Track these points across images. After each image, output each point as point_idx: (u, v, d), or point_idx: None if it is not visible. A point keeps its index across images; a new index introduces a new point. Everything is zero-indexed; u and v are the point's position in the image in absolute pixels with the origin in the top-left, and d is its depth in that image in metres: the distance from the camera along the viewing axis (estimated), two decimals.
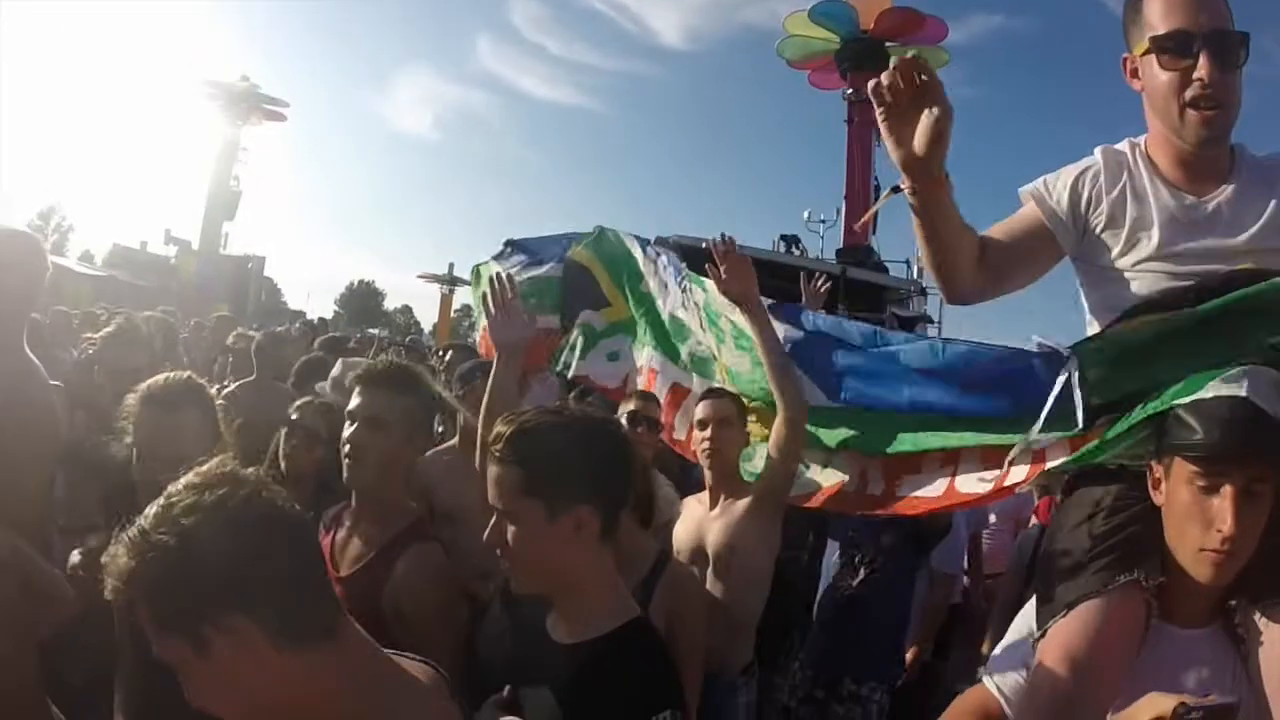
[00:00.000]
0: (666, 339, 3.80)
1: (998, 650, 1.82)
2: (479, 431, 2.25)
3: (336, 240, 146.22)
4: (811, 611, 3.71)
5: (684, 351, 3.67)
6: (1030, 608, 1.74)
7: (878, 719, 3.41)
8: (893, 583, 3.53)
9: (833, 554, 3.65)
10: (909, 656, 3.97)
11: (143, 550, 1.09)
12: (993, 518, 5.23)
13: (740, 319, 2.95)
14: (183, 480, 1.17)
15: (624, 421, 2.99)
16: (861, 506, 2.84)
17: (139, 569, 1.09)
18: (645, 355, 3.92)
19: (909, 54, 1.54)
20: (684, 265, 3.70)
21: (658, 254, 3.94)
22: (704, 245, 2.99)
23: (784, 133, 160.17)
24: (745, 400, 3.07)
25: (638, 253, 4.09)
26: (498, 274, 2.67)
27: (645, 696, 1.54)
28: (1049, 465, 2.12)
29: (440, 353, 6.48)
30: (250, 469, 1.25)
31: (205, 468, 1.20)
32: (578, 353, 4.20)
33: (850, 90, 18.72)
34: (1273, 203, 1.66)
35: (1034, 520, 4.69)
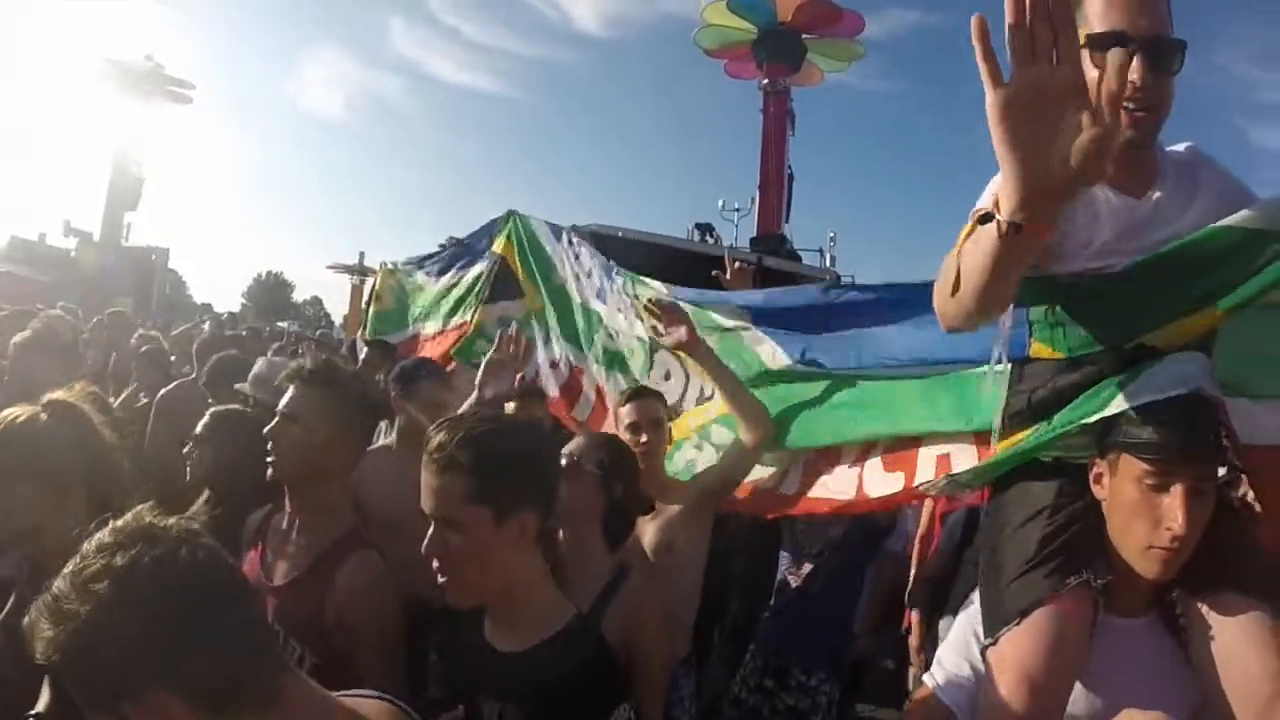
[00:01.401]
0: (573, 328, 3.84)
1: (942, 652, 1.82)
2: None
3: (243, 229, 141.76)
4: (750, 607, 3.82)
5: (596, 342, 3.70)
6: (973, 609, 1.74)
7: (826, 710, 3.47)
8: (841, 575, 3.61)
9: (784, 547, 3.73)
10: (859, 644, 4.06)
11: (56, 619, 1.00)
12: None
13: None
14: (96, 538, 1.07)
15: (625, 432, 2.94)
16: (773, 506, 2.89)
17: (55, 638, 1.00)
18: (551, 350, 3.94)
19: None
20: (610, 262, 3.74)
21: (577, 244, 3.98)
22: (619, 234, 3.09)
23: (700, 121, 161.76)
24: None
25: (548, 242, 4.14)
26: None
27: (604, 693, 1.58)
28: (954, 470, 2.17)
29: (351, 348, 6.35)
30: (171, 520, 1.14)
31: (121, 522, 1.10)
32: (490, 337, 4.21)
33: (766, 80, 18.91)
34: (1198, 199, 1.68)
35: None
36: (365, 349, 5.51)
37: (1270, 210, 1.59)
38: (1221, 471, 1.52)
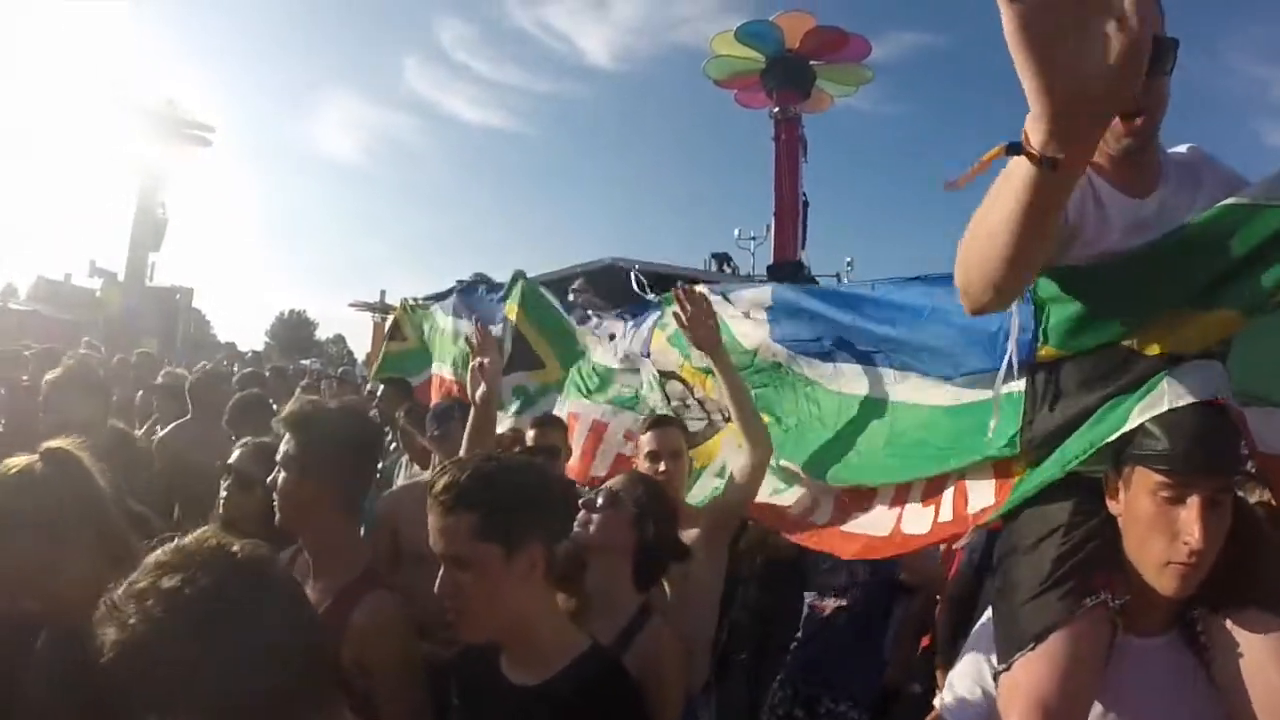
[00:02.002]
0: (585, 386, 3.92)
1: (954, 676, 1.77)
2: None
3: (266, 269, 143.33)
4: (768, 633, 3.84)
5: (609, 393, 3.78)
6: (985, 628, 1.70)
7: None
8: (869, 605, 3.60)
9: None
10: (891, 675, 3.98)
11: (113, 624, 1.07)
12: None
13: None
14: (158, 555, 1.13)
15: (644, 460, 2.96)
16: (802, 532, 2.83)
17: (110, 641, 1.06)
18: (569, 405, 4.00)
19: None
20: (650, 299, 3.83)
21: (591, 315, 4.11)
22: (635, 267, 3.15)
23: (712, 151, 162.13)
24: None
25: (555, 307, 4.27)
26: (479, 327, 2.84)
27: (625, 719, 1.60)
28: (971, 504, 2.16)
29: (371, 387, 6.44)
30: (240, 543, 1.18)
31: (188, 540, 1.15)
32: (512, 409, 4.30)
33: (776, 108, 19.07)
34: (1201, 198, 1.65)
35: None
36: (381, 387, 5.56)
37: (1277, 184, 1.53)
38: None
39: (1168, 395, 1.48)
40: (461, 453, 2.48)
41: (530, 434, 3.55)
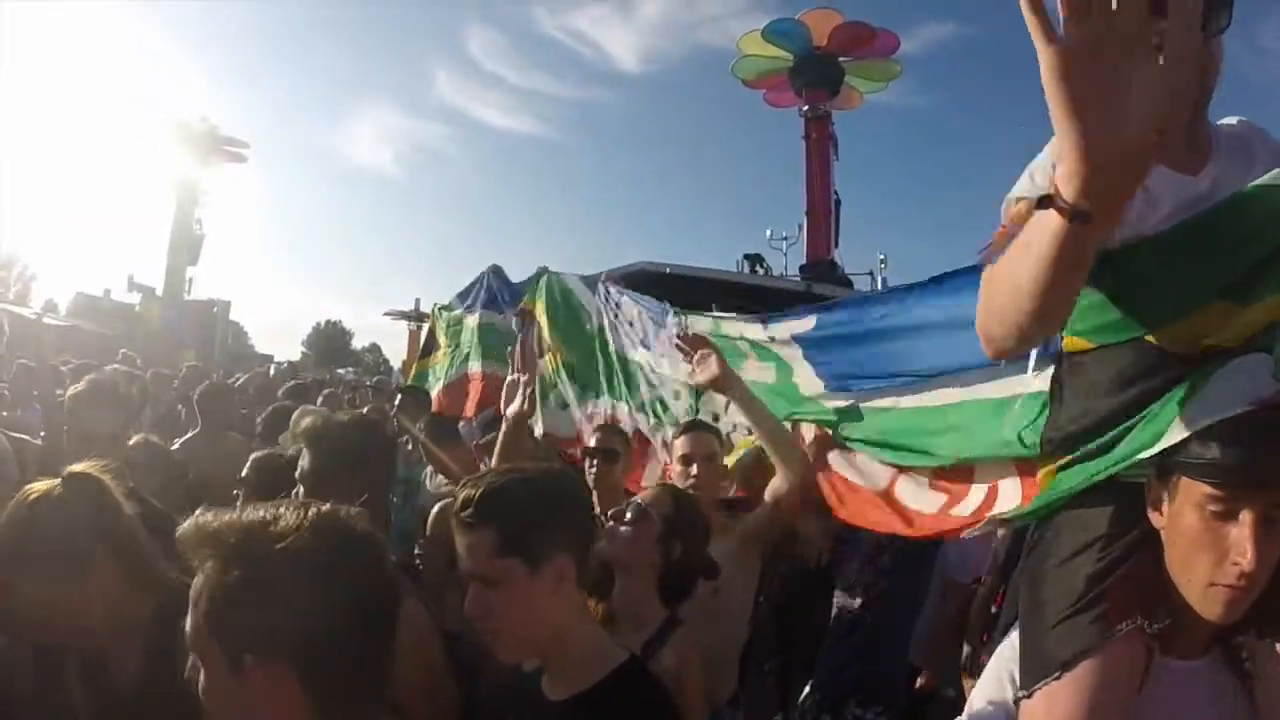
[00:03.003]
0: (607, 378, 3.85)
1: (974, 696, 1.63)
2: None
3: (301, 280, 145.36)
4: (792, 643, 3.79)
5: (638, 390, 3.70)
6: (1009, 648, 1.56)
7: None
8: (894, 604, 3.49)
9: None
10: (921, 681, 3.98)
11: (250, 556, 1.11)
12: None
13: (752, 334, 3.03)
14: (294, 508, 1.18)
15: (677, 464, 2.95)
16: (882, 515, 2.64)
17: (215, 576, 1.11)
18: (600, 404, 3.94)
19: None
20: (665, 304, 3.71)
21: (616, 294, 3.99)
22: (667, 270, 3.11)
23: (743, 152, 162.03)
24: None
25: (583, 295, 4.20)
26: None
27: None
28: (998, 507, 2.05)
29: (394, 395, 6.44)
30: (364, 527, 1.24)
31: (321, 508, 1.20)
32: (537, 408, 4.25)
33: (806, 107, 18.97)
34: (1254, 172, 1.48)
35: None
36: (400, 396, 5.54)
37: None
38: None
39: (1214, 401, 1.32)
40: (493, 464, 2.45)
41: (594, 437, 3.49)
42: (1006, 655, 1.55)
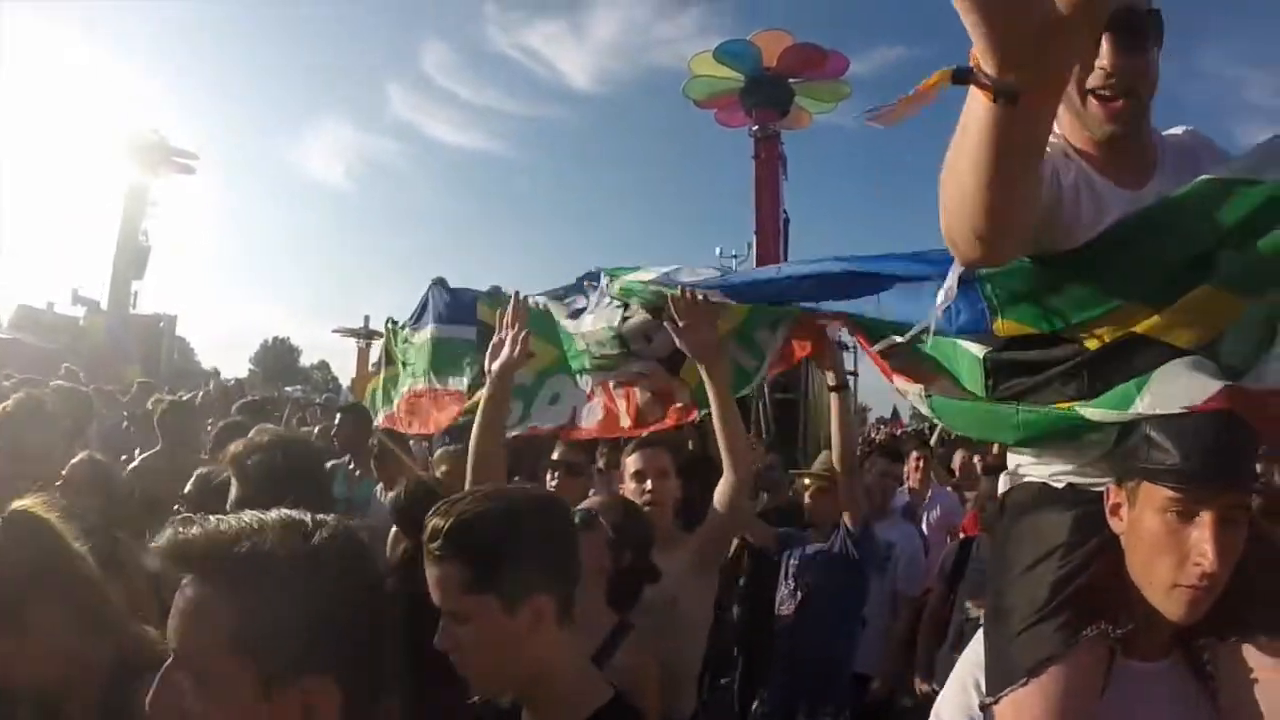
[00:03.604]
0: (589, 362, 3.83)
1: (939, 705, 1.65)
2: None
3: (249, 296, 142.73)
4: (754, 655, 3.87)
5: (585, 359, 3.72)
6: (974, 655, 1.57)
7: None
8: (831, 604, 3.63)
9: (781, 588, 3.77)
10: (877, 689, 4.10)
11: (271, 576, 1.01)
12: (924, 530, 5.39)
13: None
14: (282, 516, 1.08)
15: (630, 480, 2.91)
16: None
17: (267, 596, 1.00)
18: (590, 379, 3.88)
19: None
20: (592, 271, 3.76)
21: (568, 290, 4.02)
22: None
23: (693, 171, 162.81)
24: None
25: (543, 300, 4.23)
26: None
27: None
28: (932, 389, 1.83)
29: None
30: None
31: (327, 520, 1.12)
32: (518, 412, 4.26)
33: (756, 126, 19.16)
34: None
35: (963, 534, 4.82)
36: (339, 416, 5.46)
37: (1264, 157, 1.39)
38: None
39: (1161, 396, 1.34)
40: (471, 443, 2.41)
41: (558, 450, 3.56)
42: (971, 662, 1.57)
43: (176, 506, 2.78)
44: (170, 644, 1.03)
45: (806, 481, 3.92)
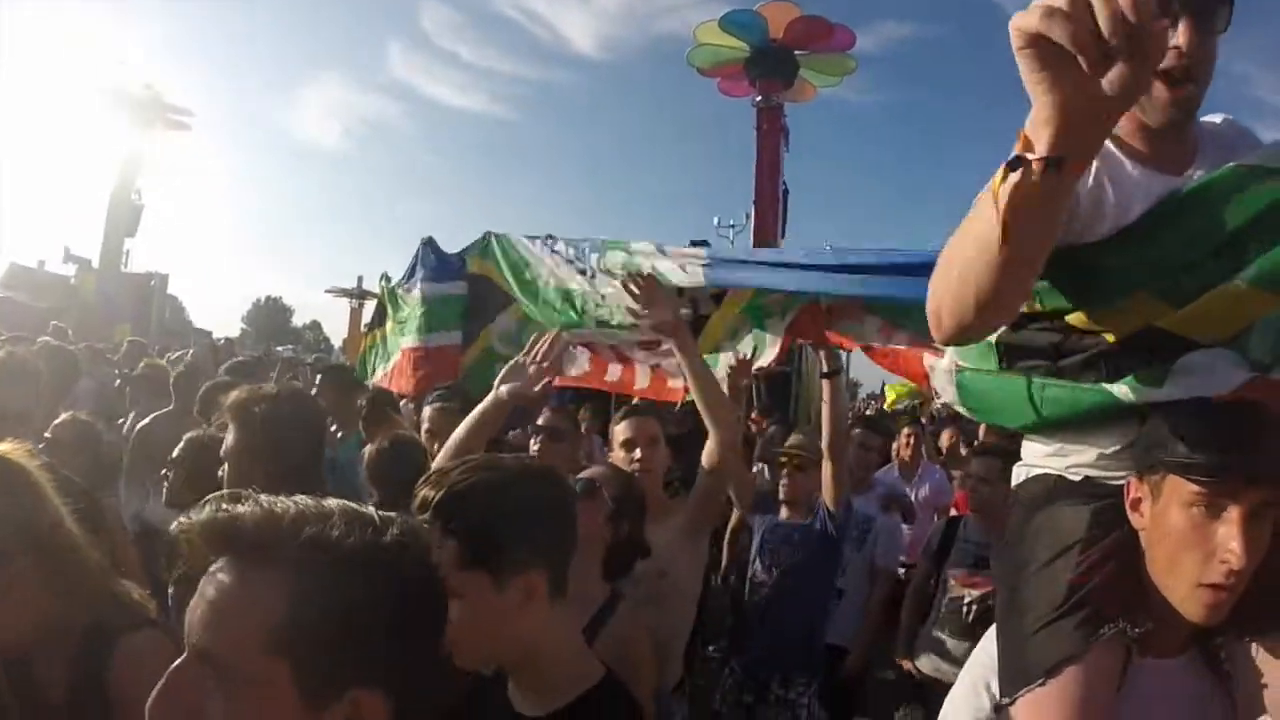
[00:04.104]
0: (564, 313, 3.86)
1: (950, 707, 1.62)
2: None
3: (243, 255, 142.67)
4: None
5: (587, 316, 3.77)
6: (985, 656, 1.54)
7: None
8: (805, 578, 3.65)
9: (754, 562, 3.78)
10: (851, 662, 4.10)
11: (309, 571, 0.87)
12: (914, 505, 5.47)
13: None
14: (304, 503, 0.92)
15: (620, 449, 2.92)
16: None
17: (282, 582, 0.87)
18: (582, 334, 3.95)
19: None
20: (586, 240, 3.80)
21: (553, 240, 4.05)
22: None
23: (695, 140, 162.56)
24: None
25: (525, 249, 4.22)
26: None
27: None
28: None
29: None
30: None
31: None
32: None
33: (759, 97, 19.06)
34: None
35: (953, 511, 4.87)
36: (319, 378, 5.33)
37: None
38: None
39: (1175, 388, 1.32)
40: (457, 434, 2.37)
41: (542, 416, 3.55)
42: (982, 663, 1.54)
43: (165, 471, 2.74)
44: (190, 637, 0.87)
45: (783, 459, 3.86)
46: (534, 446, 3.47)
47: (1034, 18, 0.84)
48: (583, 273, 3.73)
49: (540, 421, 3.52)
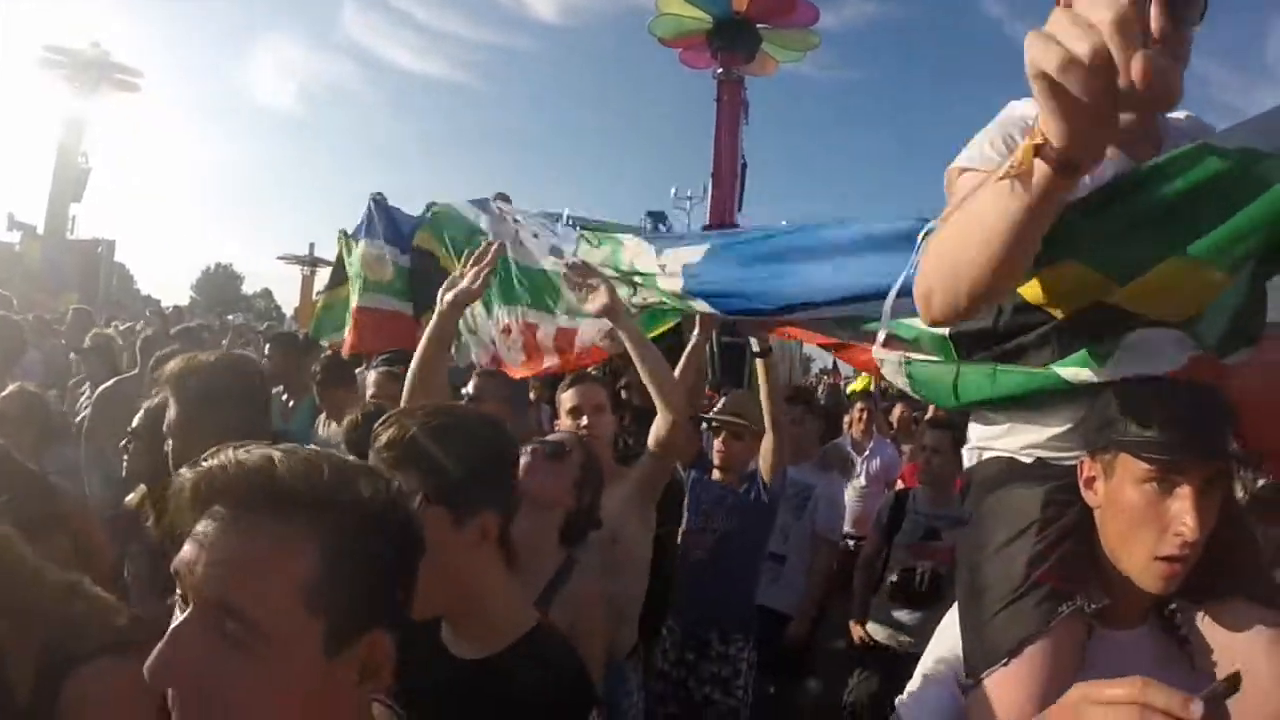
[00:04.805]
0: (521, 290, 3.79)
1: (914, 687, 1.63)
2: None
3: (192, 221, 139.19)
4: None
5: (561, 303, 3.68)
6: (948, 634, 1.56)
7: (746, 675, 3.58)
8: (738, 544, 3.69)
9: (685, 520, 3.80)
10: (793, 629, 4.20)
11: (315, 508, 0.87)
12: (863, 480, 5.56)
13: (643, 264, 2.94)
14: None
15: (566, 417, 2.94)
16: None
17: (301, 532, 0.86)
18: (511, 313, 3.85)
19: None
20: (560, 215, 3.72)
21: (510, 211, 3.93)
22: (566, 219, 3.05)
23: (655, 110, 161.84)
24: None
25: (475, 216, 4.12)
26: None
27: (574, 699, 1.49)
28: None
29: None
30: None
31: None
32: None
33: (720, 69, 19.02)
34: None
35: (900, 484, 4.92)
36: (268, 346, 5.24)
37: (1264, 127, 1.34)
38: None
39: (1121, 366, 1.35)
40: (413, 368, 2.36)
41: (471, 384, 3.53)
42: (948, 642, 1.55)
43: (124, 442, 2.71)
44: (201, 591, 0.83)
45: (715, 426, 3.85)
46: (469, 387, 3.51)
47: (1051, 61, 0.82)
48: (554, 253, 3.65)
49: (470, 390, 3.49)
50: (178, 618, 0.84)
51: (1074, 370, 1.41)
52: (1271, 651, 1.30)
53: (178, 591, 0.86)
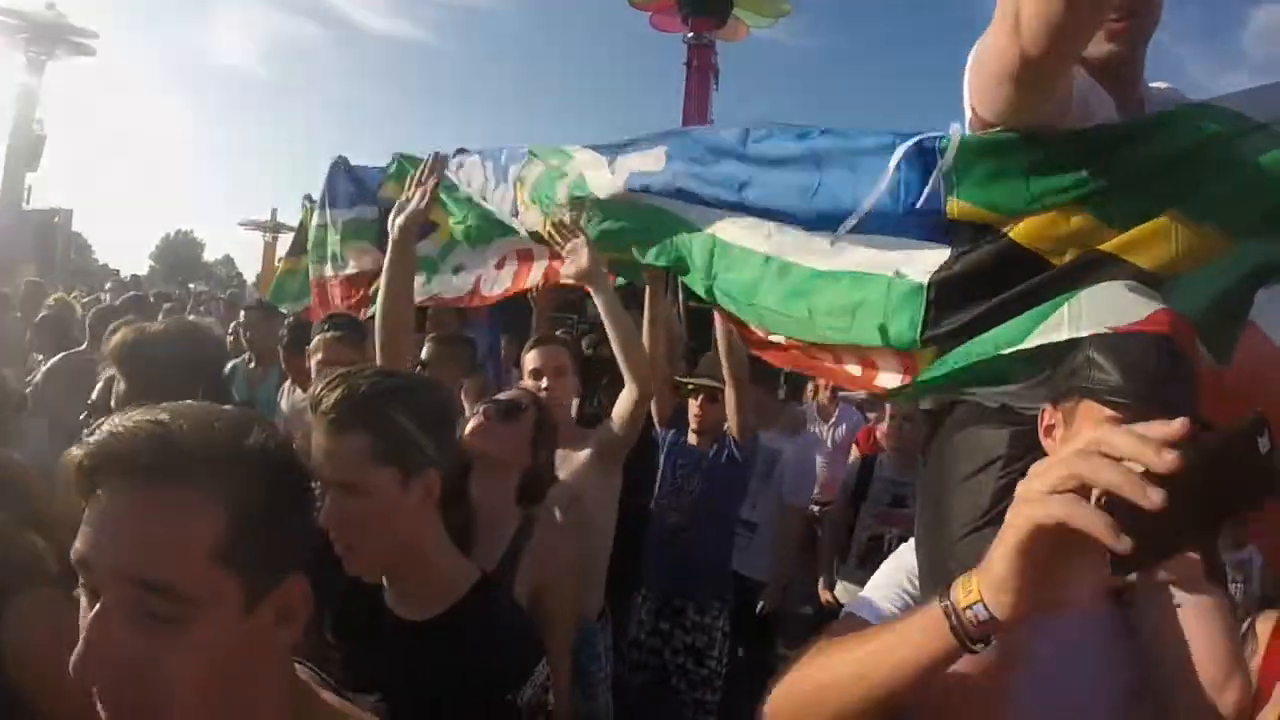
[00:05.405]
0: (504, 227, 3.62)
1: (870, 589, 1.60)
2: None
3: (151, 188, 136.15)
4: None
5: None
6: (903, 559, 1.57)
7: (721, 644, 3.61)
8: (713, 508, 3.72)
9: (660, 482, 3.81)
10: (767, 597, 4.20)
11: (226, 468, 0.85)
12: (829, 446, 5.57)
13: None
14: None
15: (528, 378, 2.91)
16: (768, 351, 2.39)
17: (218, 494, 0.84)
18: (500, 246, 3.76)
19: None
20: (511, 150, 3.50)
21: (467, 162, 3.76)
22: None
23: (624, 74, 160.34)
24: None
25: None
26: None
27: (520, 654, 1.50)
28: (881, 383, 1.84)
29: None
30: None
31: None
32: (419, 281, 3.87)
33: (691, 34, 18.86)
34: None
35: (856, 447, 4.89)
36: (245, 314, 5.18)
37: (1258, 97, 1.38)
38: None
39: (1077, 318, 1.36)
40: (378, 316, 2.35)
41: (425, 350, 3.54)
42: (901, 568, 1.56)
43: (83, 415, 2.65)
44: (118, 575, 0.80)
45: (690, 386, 3.82)
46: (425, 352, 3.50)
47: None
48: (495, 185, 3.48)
49: (424, 355, 3.46)
50: (88, 613, 0.80)
51: (1041, 329, 1.41)
52: (1204, 622, 1.33)
53: (81, 583, 0.82)
